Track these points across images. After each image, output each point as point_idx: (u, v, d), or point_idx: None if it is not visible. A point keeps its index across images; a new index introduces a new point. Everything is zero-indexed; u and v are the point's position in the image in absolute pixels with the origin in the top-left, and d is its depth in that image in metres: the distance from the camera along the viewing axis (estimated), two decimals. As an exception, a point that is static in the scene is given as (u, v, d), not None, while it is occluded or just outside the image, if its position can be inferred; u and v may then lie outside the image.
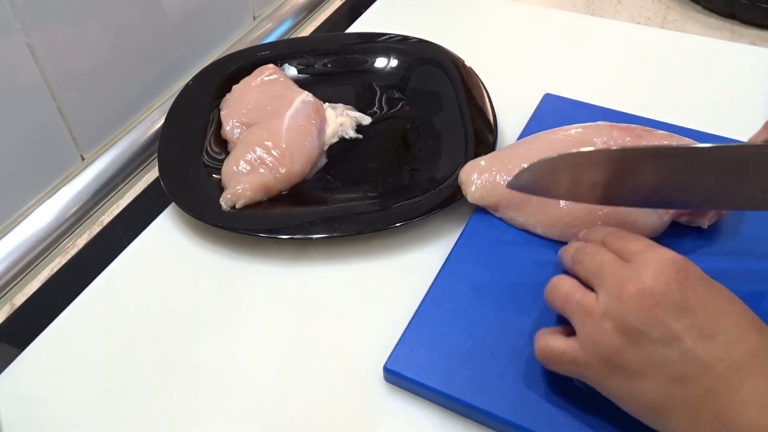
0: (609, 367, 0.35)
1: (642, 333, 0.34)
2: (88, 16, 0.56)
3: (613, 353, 0.35)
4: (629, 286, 0.35)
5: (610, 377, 0.36)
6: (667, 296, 0.34)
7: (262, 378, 0.44)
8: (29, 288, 0.53)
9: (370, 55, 0.69)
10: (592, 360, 0.36)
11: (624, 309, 0.35)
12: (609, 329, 0.35)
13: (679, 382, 0.33)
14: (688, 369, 0.33)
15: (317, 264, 0.51)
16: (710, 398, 0.32)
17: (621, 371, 0.35)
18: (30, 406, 0.44)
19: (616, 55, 0.70)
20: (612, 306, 0.35)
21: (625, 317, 0.35)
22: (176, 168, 0.57)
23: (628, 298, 0.35)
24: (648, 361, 0.34)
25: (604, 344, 0.35)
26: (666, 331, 0.34)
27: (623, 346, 0.35)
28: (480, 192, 0.51)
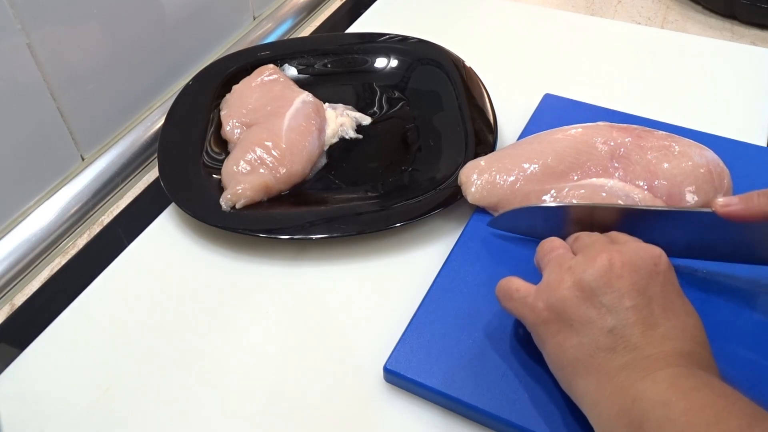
0: (550, 312, 0.37)
1: (594, 293, 0.36)
2: (88, 16, 0.56)
3: (560, 301, 0.37)
4: (605, 255, 0.37)
5: (546, 324, 0.38)
6: (633, 276, 0.36)
7: (262, 378, 0.44)
8: (29, 288, 0.53)
9: (370, 55, 0.69)
10: (539, 303, 0.38)
11: (589, 269, 0.37)
12: (568, 280, 0.37)
13: (605, 350, 0.35)
14: (618, 342, 0.35)
15: (317, 264, 0.51)
16: (626, 371, 0.34)
17: (558, 321, 0.37)
18: (30, 406, 0.44)
19: (616, 55, 0.70)
20: (581, 264, 0.38)
21: (587, 275, 0.37)
22: (176, 168, 0.57)
23: (599, 262, 0.37)
24: (586, 319, 0.36)
25: (558, 291, 0.37)
26: (617, 301, 0.35)
27: (572, 297, 0.37)
28: (480, 192, 0.51)
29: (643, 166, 0.49)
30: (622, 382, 0.34)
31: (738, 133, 0.57)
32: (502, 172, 0.51)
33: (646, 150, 0.50)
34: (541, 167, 0.50)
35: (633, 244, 0.39)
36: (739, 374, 0.40)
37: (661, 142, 0.50)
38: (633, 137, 0.50)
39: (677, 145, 0.50)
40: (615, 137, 0.50)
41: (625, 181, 0.49)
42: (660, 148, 0.50)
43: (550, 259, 0.40)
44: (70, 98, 0.56)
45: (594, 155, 0.50)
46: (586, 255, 0.38)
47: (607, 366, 0.35)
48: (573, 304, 0.37)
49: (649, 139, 0.50)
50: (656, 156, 0.49)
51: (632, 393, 0.33)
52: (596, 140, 0.50)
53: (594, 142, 0.50)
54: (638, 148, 0.50)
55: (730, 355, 0.41)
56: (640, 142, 0.50)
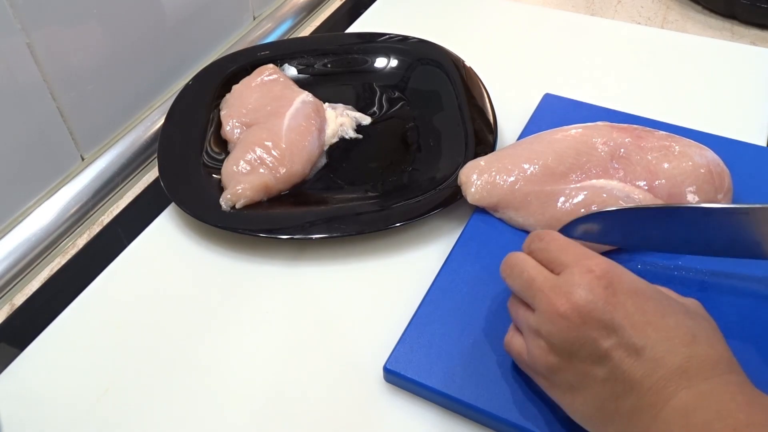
0: (547, 380, 0.37)
1: (572, 352, 0.35)
2: (88, 16, 0.56)
3: (548, 370, 0.36)
4: (558, 305, 0.35)
5: (549, 388, 0.38)
6: (594, 314, 0.34)
7: (262, 378, 0.44)
8: (29, 288, 0.53)
9: (370, 55, 0.69)
10: (536, 374, 0.38)
11: (553, 329, 0.35)
12: (543, 347, 0.36)
13: (609, 399, 0.34)
14: (616, 386, 0.33)
15: (317, 264, 0.51)
16: (636, 417, 0.33)
17: (559, 385, 0.36)
18: (30, 406, 0.44)
19: (616, 55, 0.70)
20: (543, 326, 0.36)
21: (555, 337, 0.35)
22: (176, 168, 0.57)
23: (557, 318, 0.35)
24: (580, 377, 0.35)
25: (541, 360, 0.36)
26: (594, 349, 0.34)
27: (556, 363, 0.36)
28: (480, 193, 0.51)
29: (644, 167, 0.49)
30: (638, 427, 0.33)
31: (738, 133, 0.57)
32: (502, 173, 0.51)
33: (647, 150, 0.50)
34: (541, 168, 0.50)
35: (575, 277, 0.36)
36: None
37: (662, 143, 0.50)
38: (633, 137, 0.50)
39: (677, 146, 0.50)
40: (615, 137, 0.50)
41: (626, 181, 0.49)
42: (660, 148, 0.50)
43: (520, 322, 0.39)
44: (70, 98, 0.56)
45: (594, 156, 0.50)
46: (540, 311, 0.36)
47: (620, 413, 0.33)
48: (560, 369, 0.36)
49: (649, 140, 0.50)
50: (656, 156, 0.49)
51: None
52: (596, 141, 0.50)
53: (594, 143, 0.50)
54: (638, 149, 0.50)
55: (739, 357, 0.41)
56: (640, 143, 0.50)
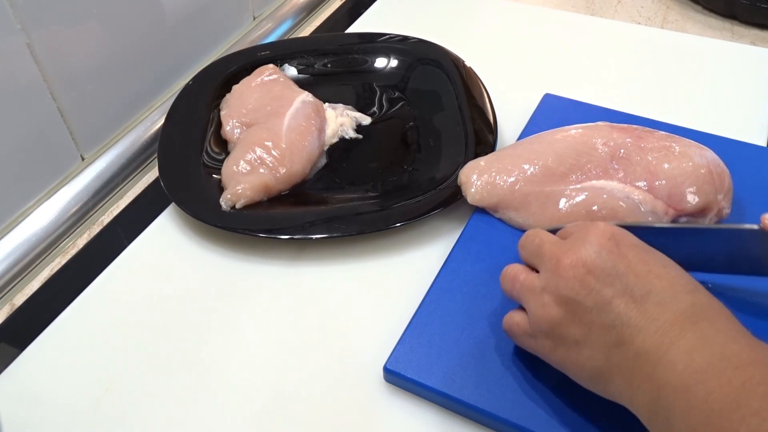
0: (552, 338, 0.37)
1: (577, 302, 0.35)
2: (88, 16, 0.56)
3: (554, 325, 0.37)
4: (563, 258, 0.37)
5: (554, 349, 0.37)
6: (597, 264, 0.35)
7: (262, 378, 0.44)
8: (29, 288, 0.53)
9: (370, 55, 0.69)
10: (538, 333, 0.38)
11: (560, 281, 0.36)
12: (548, 302, 0.37)
13: (615, 346, 0.34)
14: (623, 332, 0.34)
15: (317, 264, 0.51)
16: (642, 360, 0.33)
17: (563, 342, 0.36)
18: (30, 406, 0.44)
19: (616, 55, 0.70)
20: (549, 280, 0.37)
21: (561, 289, 0.36)
22: (176, 168, 0.57)
23: (563, 270, 0.36)
24: (586, 329, 0.35)
25: (546, 317, 0.37)
26: (599, 297, 0.35)
27: (562, 316, 0.36)
28: (480, 193, 0.51)
29: (644, 167, 0.49)
30: (644, 371, 0.33)
31: (738, 133, 0.57)
32: (502, 173, 0.51)
33: (647, 151, 0.50)
34: (541, 168, 0.50)
35: (580, 232, 0.38)
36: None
37: (662, 143, 0.50)
38: (633, 138, 0.50)
39: (677, 146, 0.50)
40: (615, 138, 0.50)
41: (626, 182, 0.49)
42: (660, 148, 0.50)
43: (519, 289, 0.40)
44: (70, 98, 0.56)
45: (594, 156, 0.50)
46: (547, 268, 0.38)
47: (625, 361, 0.34)
48: (565, 322, 0.36)
49: (649, 140, 0.50)
50: (656, 157, 0.49)
51: (655, 380, 0.32)
52: (596, 141, 0.50)
53: (594, 143, 0.50)
54: (638, 149, 0.50)
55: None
56: (640, 143, 0.50)
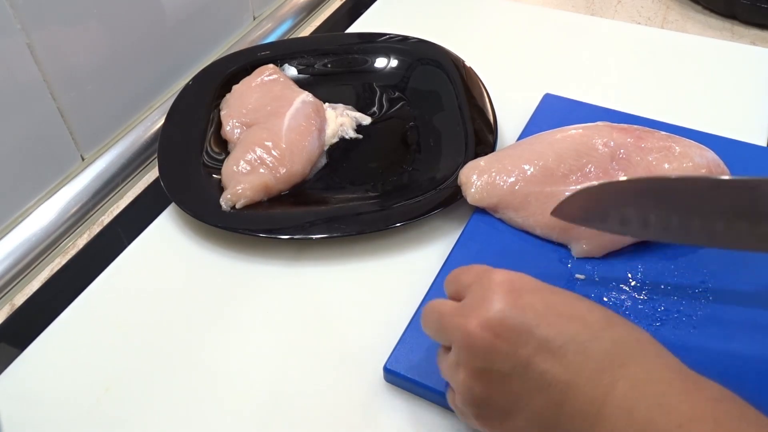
0: (483, 412, 0.34)
1: (493, 371, 0.33)
2: (88, 16, 0.56)
3: (479, 399, 0.34)
4: (467, 326, 0.33)
5: (489, 423, 0.34)
6: (504, 323, 0.33)
7: (262, 377, 0.44)
8: (29, 288, 0.53)
9: (370, 55, 0.69)
10: (469, 410, 0.35)
11: (469, 353, 0.33)
12: (465, 378, 0.34)
13: (548, 409, 0.31)
14: (551, 393, 0.31)
15: (317, 264, 0.51)
16: (579, 420, 0.31)
17: (494, 415, 0.34)
18: (30, 406, 0.44)
19: (616, 55, 0.70)
20: (460, 355, 0.34)
21: (473, 361, 0.33)
22: (176, 168, 0.57)
23: (469, 340, 0.33)
24: (512, 397, 0.33)
25: (468, 393, 0.34)
26: (515, 360, 0.32)
27: (483, 389, 0.33)
28: (480, 193, 0.51)
29: (644, 168, 0.49)
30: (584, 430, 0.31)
31: (738, 133, 0.57)
32: (502, 173, 0.51)
33: (647, 151, 0.50)
34: (541, 169, 0.50)
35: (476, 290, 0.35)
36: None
37: (662, 143, 0.50)
38: (633, 138, 0.50)
39: (678, 146, 0.50)
40: (615, 138, 0.50)
41: (625, 181, 0.49)
42: (660, 149, 0.50)
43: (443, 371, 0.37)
44: (70, 98, 0.56)
45: (594, 156, 0.50)
46: (455, 342, 0.34)
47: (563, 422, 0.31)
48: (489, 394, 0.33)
49: (649, 140, 0.50)
50: (657, 157, 0.49)
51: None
52: (596, 141, 0.50)
53: (594, 144, 0.50)
54: (639, 149, 0.50)
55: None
56: (640, 143, 0.50)
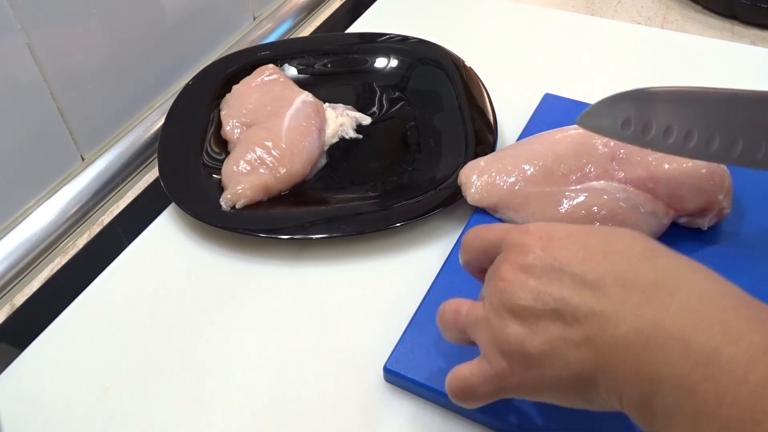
0: (519, 364, 0.32)
1: (528, 310, 0.32)
2: (88, 16, 0.56)
3: (515, 345, 0.32)
4: (499, 272, 0.34)
5: (524, 377, 0.32)
6: (535, 264, 0.32)
7: (262, 378, 0.44)
8: (29, 288, 0.53)
9: (370, 55, 0.69)
10: (501, 365, 0.33)
11: (503, 296, 0.33)
12: (500, 323, 0.33)
13: (585, 345, 0.30)
14: (587, 327, 0.30)
15: (317, 264, 0.51)
16: (621, 350, 0.29)
17: (531, 363, 0.32)
18: (30, 406, 0.44)
19: (616, 55, 0.70)
20: (494, 300, 0.33)
21: (507, 303, 0.33)
22: (176, 168, 0.57)
23: (503, 284, 0.33)
24: (547, 337, 0.31)
25: (503, 340, 0.33)
26: (548, 297, 0.31)
27: (519, 333, 0.32)
28: (480, 193, 0.51)
29: (644, 168, 0.49)
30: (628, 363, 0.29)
31: (738, 134, 0.57)
32: (502, 173, 0.51)
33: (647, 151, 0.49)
34: (541, 169, 0.50)
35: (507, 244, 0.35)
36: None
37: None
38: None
39: (677, 146, 0.50)
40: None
41: (626, 182, 0.49)
42: (660, 148, 0.50)
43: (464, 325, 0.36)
44: (70, 98, 0.56)
45: (594, 156, 0.50)
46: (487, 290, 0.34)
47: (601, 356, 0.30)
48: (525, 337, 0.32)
49: (649, 140, 0.50)
50: (657, 157, 0.49)
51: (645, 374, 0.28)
52: (596, 141, 0.50)
53: (594, 144, 0.50)
54: (639, 149, 0.50)
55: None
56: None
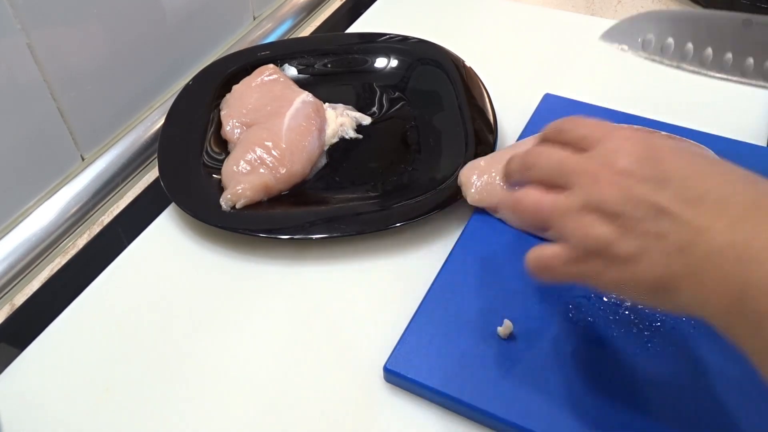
0: (602, 259, 0.33)
1: (626, 215, 0.32)
2: (88, 16, 0.56)
3: (603, 244, 0.33)
4: (601, 172, 0.33)
5: (606, 270, 0.33)
6: (642, 173, 0.33)
7: (262, 378, 0.44)
8: (29, 288, 0.53)
9: (370, 55, 0.69)
10: (585, 256, 0.34)
11: (602, 196, 0.33)
12: (591, 221, 0.33)
13: (678, 251, 0.31)
14: (682, 237, 0.31)
15: (317, 264, 0.51)
16: (714, 260, 0.30)
17: (615, 260, 0.33)
18: (30, 406, 0.44)
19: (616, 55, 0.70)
20: (589, 197, 0.33)
21: (605, 203, 0.33)
22: (176, 168, 0.57)
23: (604, 184, 0.33)
24: (640, 240, 0.32)
25: (592, 237, 0.33)
26: (650, 205, 0.32)
27: (610, 233, 0.33)
28: (480, 194, 0.51)
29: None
30: (720, 271, 0.30)
31: (738, 133, 0.57)
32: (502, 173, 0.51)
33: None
34: (541, 167, 0.50)
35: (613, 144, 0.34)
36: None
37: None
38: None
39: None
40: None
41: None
42: (660, 148, 0.49)
43: (547, 216, 0.36)
44: (70, 98, 0.56)
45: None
46: (582, 185, 0.34)
47: (691, 264, 0.31)
48: (616, 238, 0.32)
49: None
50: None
51: (736, 281, 0.29)
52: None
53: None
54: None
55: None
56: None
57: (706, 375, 0.41)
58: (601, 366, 0.42)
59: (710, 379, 0.41)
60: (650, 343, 0.43)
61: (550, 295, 0.46)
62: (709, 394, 0.40)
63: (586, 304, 0.45)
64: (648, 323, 0.44)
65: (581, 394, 0.40)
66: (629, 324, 0.44)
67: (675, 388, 0.40)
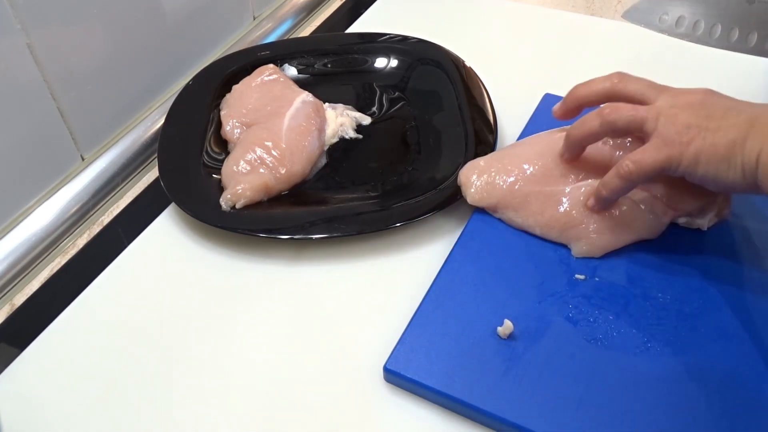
0: (686, 137, 0.42)
1: (708, 111, 0.43)
2: (88, 16, 0.56)
3: (685, 127, 0.43)
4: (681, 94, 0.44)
5: (688, 148, 0.42)
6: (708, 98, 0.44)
7: (262, 378, 0.44)
8: (29, 288, 0.53)
9: (370, 55, 0.69)
10: (671, 138, 0.43)
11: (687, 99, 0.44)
12: (676, 111, 0.43)
13: (745, 124, 0.41)
14: (749, 117, 0.41)
15: (317, 264, 0.51)
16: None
17: (696, 137, 0.42)
18: (30, 406, 0.44)
19: (616, 55, 0.70)
20: (675, 99, 0.44)
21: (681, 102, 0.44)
22: (176, 168, 0.57)
23: (683, 96, 0.44)
24: (718, 116, 0.42)
25: (677, 122, 0.43)
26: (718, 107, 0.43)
27: (694, 115, 0.43)
28: (480, 193, 0.51)
29: (643, 166, 0.49)
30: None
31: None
32: (502, 173, 0.51)
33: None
34: (540, 168, 0.50)
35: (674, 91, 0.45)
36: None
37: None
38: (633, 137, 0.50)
39: (677, 145, 0.50)
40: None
41: (625, 181, 0.49)
42: (660, 148, 0.50)
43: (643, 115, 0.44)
44: (70, 98, 0.56)
45: (594, 156, 0.50)
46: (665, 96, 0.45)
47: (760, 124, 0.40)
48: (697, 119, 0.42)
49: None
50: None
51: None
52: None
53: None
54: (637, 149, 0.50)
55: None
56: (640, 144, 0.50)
57: (706, 375, 0.41)
58: (601, 366, 0.42)
59: (710, 379, 0.41)
60: (650, 343, 0.43)
61: (550, 295, 0.46)
62: (709, 394, 0.40)
63: (586, 304, 0.45)
64: (648, 323, 0.44)
65: (581, 394, 0.40)
66: (629, 324, 0.44)
67: (675, 388, 0.40)
